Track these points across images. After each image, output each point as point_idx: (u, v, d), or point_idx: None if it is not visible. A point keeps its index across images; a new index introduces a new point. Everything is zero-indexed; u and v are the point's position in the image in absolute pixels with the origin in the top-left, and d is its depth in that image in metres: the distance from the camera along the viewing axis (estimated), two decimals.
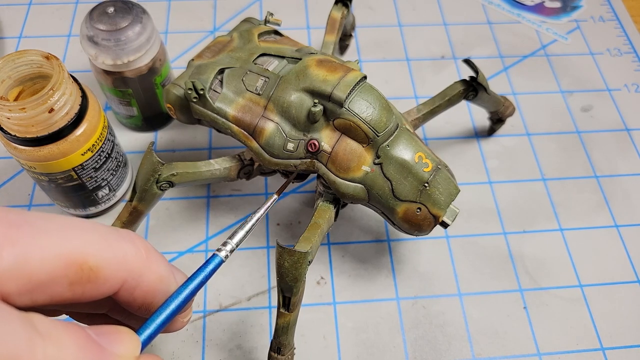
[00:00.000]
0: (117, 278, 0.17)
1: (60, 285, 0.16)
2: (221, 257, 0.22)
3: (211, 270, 0.21)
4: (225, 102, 0.31)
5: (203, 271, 0.21)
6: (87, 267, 0.16)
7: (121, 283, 0.17)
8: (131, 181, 0.38)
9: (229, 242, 0.23)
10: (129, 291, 0.18)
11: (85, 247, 0.16)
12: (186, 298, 0.19)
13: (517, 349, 0.33)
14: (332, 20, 0.37)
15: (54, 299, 0.16)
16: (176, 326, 0.21)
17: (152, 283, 0.18)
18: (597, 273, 0.36)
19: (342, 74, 0.29)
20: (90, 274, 0.16)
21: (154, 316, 0.19)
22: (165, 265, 0.19)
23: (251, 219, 0.25)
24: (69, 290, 0.16)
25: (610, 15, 0.51)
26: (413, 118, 0.34)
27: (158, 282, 0.19)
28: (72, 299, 0.16)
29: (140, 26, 0.34)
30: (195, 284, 0.20)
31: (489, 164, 0.41)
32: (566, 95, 0.45)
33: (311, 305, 0.34)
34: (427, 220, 0.30)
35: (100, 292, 0.17)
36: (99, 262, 0.16)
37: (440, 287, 0.35)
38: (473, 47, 0.48)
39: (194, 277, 0.20)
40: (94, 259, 0.16)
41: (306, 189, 0.39)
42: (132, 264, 0.18)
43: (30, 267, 0.15)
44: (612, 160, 0.42)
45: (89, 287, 0.16)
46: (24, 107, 0.27)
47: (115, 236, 0.18)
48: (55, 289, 0.16)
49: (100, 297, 0.17)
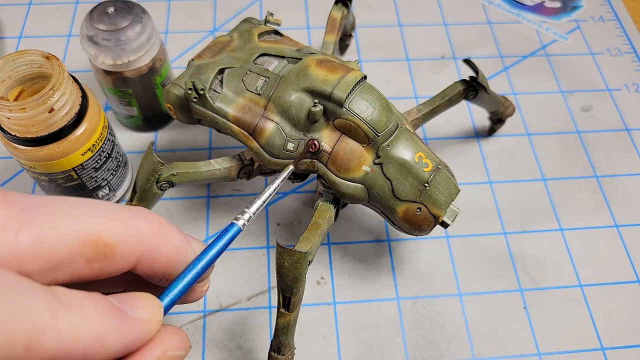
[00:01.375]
0: (133, 253, 0.17)
1: (78, 263, 0.16)
2: (239, 225, 0.22)
3: (229, 239, 0.21)
4: (225, 102, 0.31)
5: (221, 239, 0.21)
6: (102, 244, 0.16)
7: (138, 257, 0.18)
8: (131, 181, 0.38)
9: (247, 210, 0.23)
10: (148, 264, 0.18)
11: (99, 225, 0.17)
12: (205, 266, 0.20)
13: (517, 349, 0.33)
14: (332, 20, 0.37)
15: (74, 277, 0.16)
16: (196, 296, 0.21)
17: (169, 254, 0.19)
18: (597, 273, 0.36)
19: (342, 74, 0.29)
20: (106, 251, 0.17)
21: (175, 283, 0.19)
22: (180, 236, 0.19)
23: (269, 188, 0.24)
24: (87, 267, 0.16)
25: (610, 15, 0.51)
26: (413, 118, 0.34)
27: (175, 253, 0.19)
28: (92, 276, 0.17)
29: (140, 26, 0.34)
30: (214, 252, 0.20)
31: (489, 164, 0.41)
32: (566, 95, 0.45)
33: (311, 305, 0.34)
34: (427, 220, 0.30)
35: (119, 267, 0.17)
36: (114, 239, 0.17)
37: (440, 287, 0.35)
38: (473, 47, 0.48)
39: (212, 246, 0.21)
40: (108, 236, 0.17)
41: (306, 189, 0.39)
42: (146, 237, 0.18)
43: (47, 247, 0.15)
44: (612, 160, 0.42)
45: (106, 263, 0.17)
46: (24, 107, 0.27)
47: (127, 213, 0.18)
48: (73, 267, 0.16)
49: (118, 272, 0.18)
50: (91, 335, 0.15)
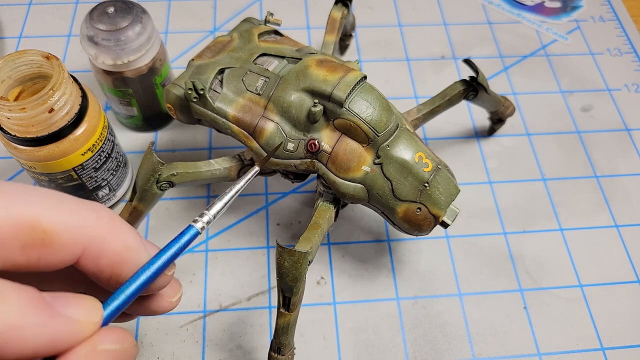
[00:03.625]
0: (75, 244, 0.17)
1: (12, 248, 0.15)
2: (197, 228, 0.21)
3: (186, 242, 0.20)
4: (225, 102, 0.31)
5: (177, 242, 0.20)
6: (40, 229, 0.16)
7: (81, 250, 0.17)
8: (131, 181, 0.38)
9: (206, 213, 0.21)
10: (93, 260, 0.17)
11: (39, 210, 0.16)
12: (158, 269, 0.19)
13: (517, 349, 0.33)
14: (332, 20, 0.37)
15: (7, 263, 0.16)
16: (164, 306, 0.20)
17: (117, 251, 0.18)
18: (597, 273, 0.36)
19: (342, 74, 0.29)
20: (44, 237, 0.16)
21: (123, 287, 0.18)
22: (133, 236, 0.18)
23: (230, 190, 0.23)
24: (23, 253, 0.16)
25: (610, 15, 0.51)
26: (413, 118, 0.34)
27: (124, 251, 0.18)
28: (28, 265, 0.16)
29: (140, 26, 0.34)
30: (168, 255, 0.19)
31: (489, 164, 0.41)
32: (566, 95, 0.45)
33: (311, 305, 0.34)
34: (427, 220, 0.30)
35: (59, 259, 0.17)
36: (54, 226, 0.16)
37: (440, 287, 0.35)
38: (473, 47, 0.48)
39: (167, 248, 0.19)
40: (47, 222, 0.16)
41: (306, 189, 0.39)
42: (92, 230, 0.17)
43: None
44: (612, 160, 0.42)
45: (44, 253, 0.16)
46: (24, 107, 0.27)
47: (75, 204, 0.17)
48: (6, 251, 0.15)
49: (60, 264, 0.17)
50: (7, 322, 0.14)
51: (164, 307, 0.20)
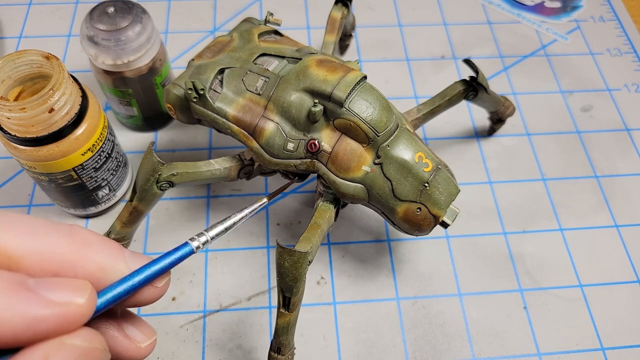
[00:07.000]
0: (42, 269, 0.17)
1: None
2: (192, 247, 0.21)
3: (178, 258, 0.20)
4: (225, 102, 0.31)
5: (169, 257, 0.20)
6: (5, 255, 0.16)
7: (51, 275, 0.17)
8: (131, 181, 0.38)
9: (205, 234, 0.21)
10: None
11: (4, 236, 0.16)
12: (146, 278, 0.19)
13: (517, 349, 0.33)
14: (332, 20, 0.37)
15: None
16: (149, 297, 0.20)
17: (90, 272, 0.18)
18: (597, 273, 0.36)
19: (342, 74, 0.29)
20: (10, 263, 0.16)
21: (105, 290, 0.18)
22: (109, 254, 0.18)
23: (235, 216, 0.23)
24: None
25: (610, 15, 0.51)
26: (413, 118, 0.34)
27: (97, 271, 0.18)
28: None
29: (140, 26, 0.34)
30: (157, 268, 0.19)
31: (489, 164, 0.41)
32: (566, 95, 0.45)
33: (311, 305, 0.34)
34: (427, 220, 0.30)
35: None
36: (19, 252, 0.16)
37: (440, 287, 0.35)
38: (473, 47, 0.48)
39: (158, 261, 0.19)
40: (13, 248, 0.16)
41: (306, 189, 0.39)
42: (62, 255, 0.17)
43: None
44: (612, 160, 0.42)
45: None
46: (24, 107, 0.27)
47: (47, 228, 0.17)
48: None
49: None
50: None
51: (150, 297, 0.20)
